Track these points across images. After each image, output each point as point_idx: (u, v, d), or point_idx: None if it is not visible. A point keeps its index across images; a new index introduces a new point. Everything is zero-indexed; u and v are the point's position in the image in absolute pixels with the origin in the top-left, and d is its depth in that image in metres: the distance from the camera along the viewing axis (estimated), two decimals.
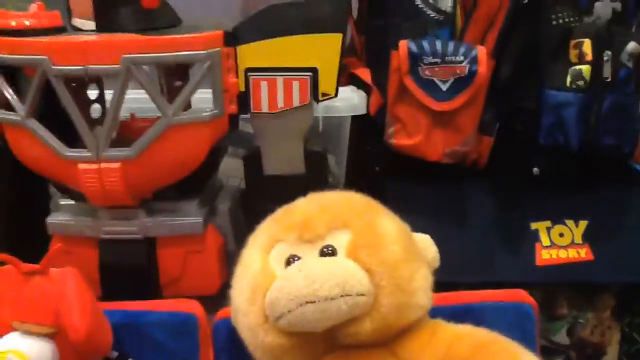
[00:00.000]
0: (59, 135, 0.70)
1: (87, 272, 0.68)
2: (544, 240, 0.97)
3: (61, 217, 0.78)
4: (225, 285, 0.81)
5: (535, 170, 0.92)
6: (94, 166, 0.69)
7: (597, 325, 1.03)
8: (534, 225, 0.97)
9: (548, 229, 0.97)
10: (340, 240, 0.58)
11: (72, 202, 0.78)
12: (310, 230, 0.58)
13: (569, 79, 0.86)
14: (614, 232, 0.96)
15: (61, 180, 0.75)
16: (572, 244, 0.96)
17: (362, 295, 0.54)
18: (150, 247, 0.76)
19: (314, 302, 0.53)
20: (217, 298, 0.79)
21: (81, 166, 0.69)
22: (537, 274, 0.95)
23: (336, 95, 0.74)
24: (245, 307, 0.59)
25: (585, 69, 0.85)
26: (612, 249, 0.95)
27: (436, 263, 0.62)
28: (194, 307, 0.69)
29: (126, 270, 0.75)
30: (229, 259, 0.79)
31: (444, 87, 0.87)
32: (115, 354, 0.69)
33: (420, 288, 0.58)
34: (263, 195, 0.74)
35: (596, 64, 0.84)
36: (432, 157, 0.91)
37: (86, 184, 0.70)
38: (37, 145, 0.70)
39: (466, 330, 0.59)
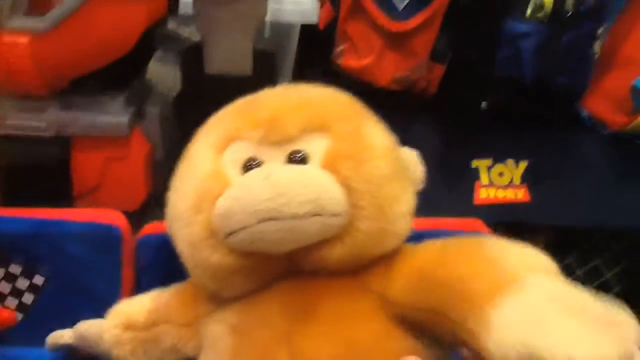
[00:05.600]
0: None
1: None
2: (484, 178, 0.95)
3: None
4: (150, 199, 0.72)
5: (484, 104, 0.89)
6: None
7: None
8: (474, 163, 0.95)
9: (488, 168, 0.95)
10: (316, 145, 0.48)
11: None
12: (279, 129, 0.48)
13: (530, 10, 0.82)
14: (552, 176, 0.95)
15: None
16: (511, 184, 0.95)
17: (337, 215, 0.45)
18: (62, 148, 0.65)
19: (278, 219, 0.44)
20: (140, 214, 0.71)
21: None
22: (474, 213, 0.93)
23: None
24: (188, 216, 0.49)
25: (547, 1, 0.81)
26: (549, 192, 0.94)
27: (420, 185, 0.54)
28: (118, 219, 0.60)
29: (32, 174, 0.64)
30: (156, 171, 0.70)
31: (401, 6, 0.81)
32: (18, 269, 0.58)
33: (403, 213, 0.50)
34: (202, 97, 0.64)
35: None
36: (380, 81, 0.85)
37: None
38: None
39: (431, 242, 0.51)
